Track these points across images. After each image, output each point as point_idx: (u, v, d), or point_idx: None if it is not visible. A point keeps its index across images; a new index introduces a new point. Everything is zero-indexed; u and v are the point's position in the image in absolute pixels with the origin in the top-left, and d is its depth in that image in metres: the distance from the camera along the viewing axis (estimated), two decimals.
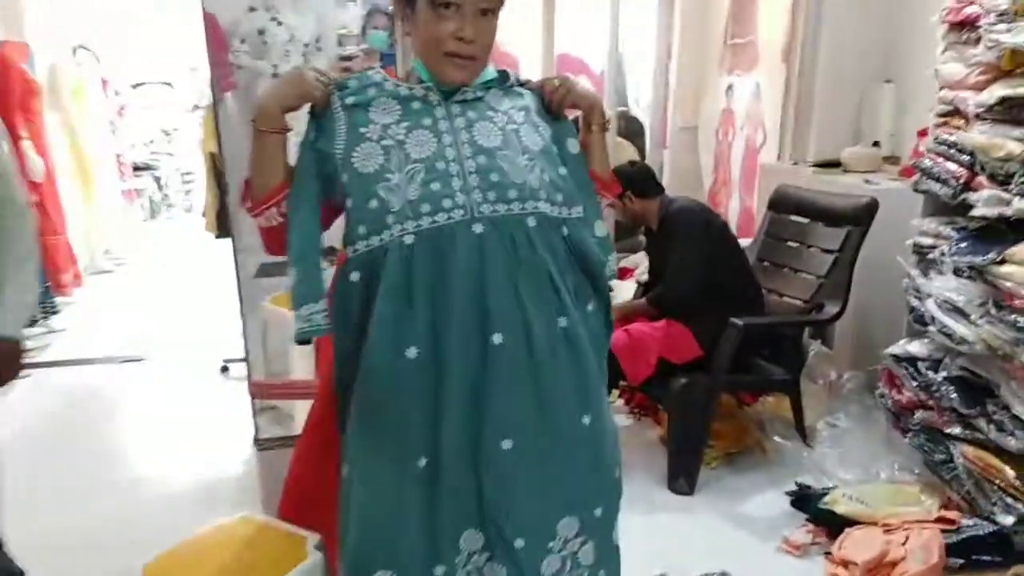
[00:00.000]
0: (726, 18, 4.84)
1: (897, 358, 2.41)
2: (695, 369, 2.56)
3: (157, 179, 8.32)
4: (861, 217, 2.61)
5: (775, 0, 3.94)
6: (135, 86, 7.95)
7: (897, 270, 2.43)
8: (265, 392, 2.37)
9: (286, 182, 1.24)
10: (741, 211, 4.47)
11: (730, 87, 4.83)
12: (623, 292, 3.21)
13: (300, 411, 2.38)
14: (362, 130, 1.22)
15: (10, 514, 2.53)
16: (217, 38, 2.82)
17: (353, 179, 1.20)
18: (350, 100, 1.24)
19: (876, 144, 3.40)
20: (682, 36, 5.49)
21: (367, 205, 1.19)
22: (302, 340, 1.24)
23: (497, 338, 1.17)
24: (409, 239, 1.17)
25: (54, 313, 4.25)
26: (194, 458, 2.88)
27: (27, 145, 4.18)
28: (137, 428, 3.22)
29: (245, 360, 2.36)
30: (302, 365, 2.37)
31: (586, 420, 1.25)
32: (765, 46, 4.19)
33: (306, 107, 1.24)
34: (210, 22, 2.83)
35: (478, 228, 1.18)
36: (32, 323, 4.00)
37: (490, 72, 1.31)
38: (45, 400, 3.46)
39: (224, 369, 3.61)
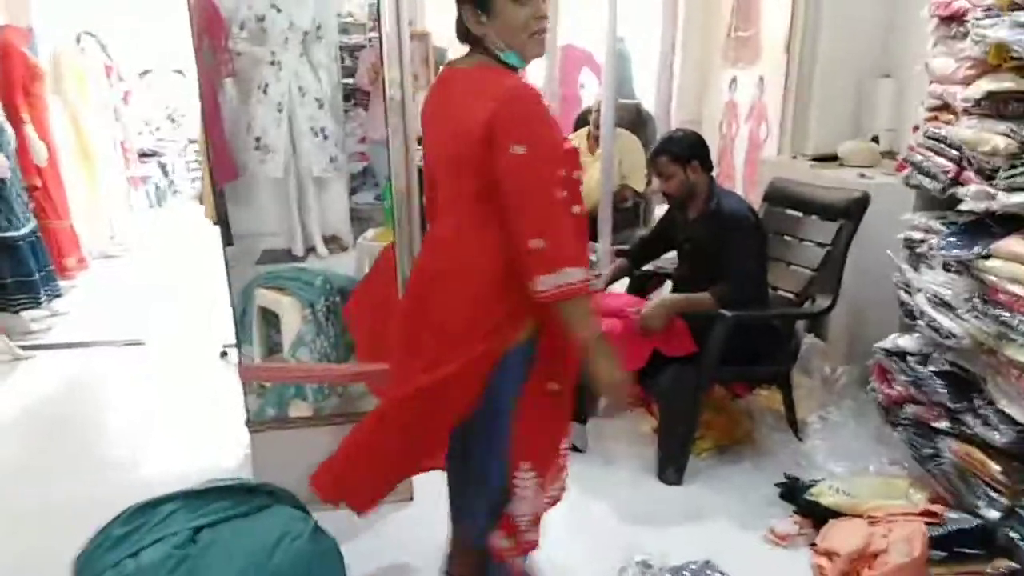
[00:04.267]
0: (730, 11, 4.84)
1: (888, 352, 2.42)
2: (687, 362, 2.56)
3: (163, 166, 8.35)
4: (853, 211, 2.62)
5: None
6: (142, 73, 7.97)
7: (892, 264, 2.43)
8: (255, 375, 2.39)
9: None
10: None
11: (734, 80, 4.83)
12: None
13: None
14: None
15: (11, 485, 2.60)
16: (217, 24, 2.84)
17: None
18: None
19: (875, 139, 3.40)
20: (686, 29, 5.48)
21: None
22: None
23: None
24: None
25: (57, 296, 4.28)
26: (190, 440, 2.92)
27: (30, 129, 4.21)
28: (136, 410, 3.26)
29: (236, 345, 2.39)
30: (301, 352, 2.39)
31: None
32: (768, 39, 4.19)
33: None
34: (210, 8, 2.85)
35: None
36: (35, 305, 4.04)
37: None
38: (46, 382, 3.51)
39: (223, 354, 3.64)
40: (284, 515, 1.76)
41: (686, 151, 2.58)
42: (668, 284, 2.98)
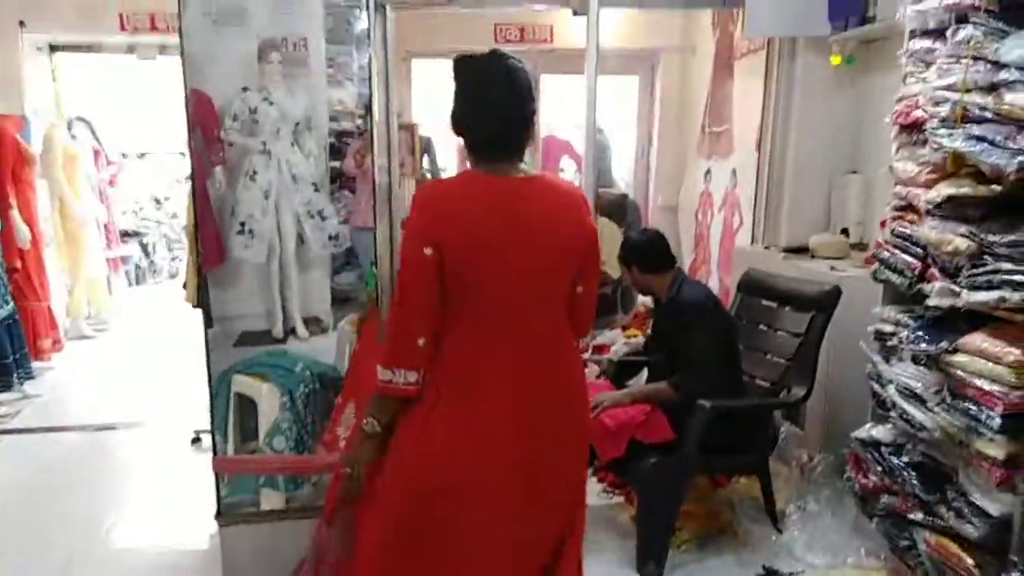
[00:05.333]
0: (704, 107, 5.06)
1: (863, 442, 2.43)
2: (667, 451, 2.56)
3: (144, 246, 8.39)
4: (825, 303, 2.69)
5: (748, 93, 4.13)
6: (128, 156, 8.10)
7: (865, 354, 2.48)
8: (228, 467, 2.36)
9: None
10: (720, 290, 4.55)
11: (708, 171, 5.00)
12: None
13: None
14: None
15: None
16: (211, 116, 2.93)
17: None
18: None
19: (844, 231, 3.52)
20: (662, 121, 5.72)
21: None
22: None
23: None
24: None
25: (30, 379, 4.22)
26: (160, 530, 2.84)
27: (15, 214, 4.25)
28: (103, 499, 3.16)
29: (211, 433, 2.36)
30: (277, 440, 2.37)
31: None
32: (740, 135, 4.37)
33: None
34: (202, 100, 2.95)
35: None
36: (7, 389, 3.97)
37: None
38: (14, 466, 3.41)
39: (196, 440, 3.58)
40: None
41: (628, 255, 2.78)
42: (644, 372, 3.01)
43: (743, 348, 2.97)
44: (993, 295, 1.77)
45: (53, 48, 5.36)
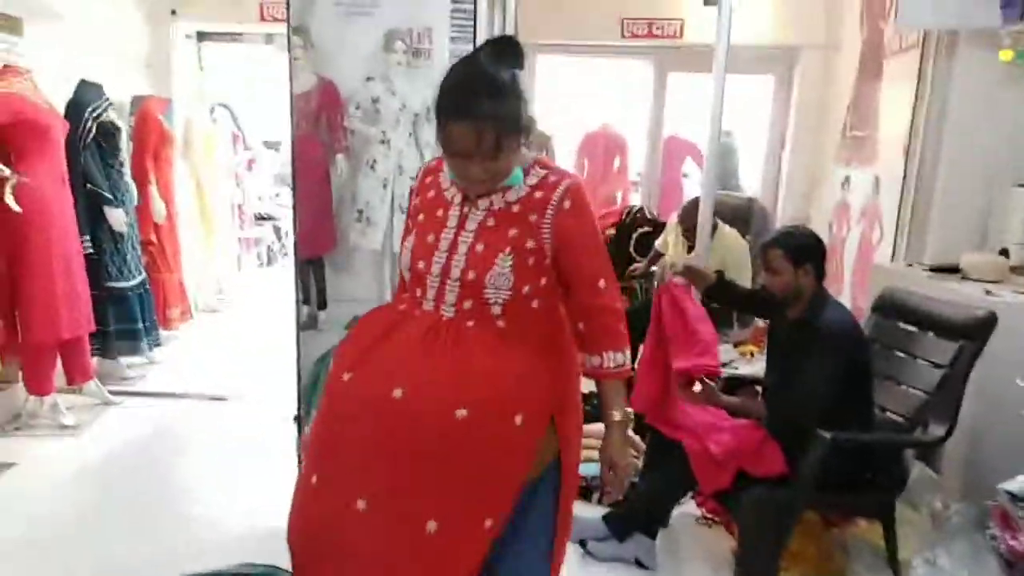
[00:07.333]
0: (846, 109, 4.67)
1: (1014, 496, 2.11)
2: (777, 483, 2.31)
3: (277, 229, 8.80)
4: (976, 331, 2.34)
5: (897, 93, 3.76)
6: (267, 143, 8.52)
7: (1021, 394, 2.16)
8: None
9: None
10: (852, 311, 4.18)
11: (846, 180, 4.62)
12: None
13: None
14: None
15: (79, 534, 2.63)
16: (336, 103, 2.97)
17: None
18: None
19: (1004, 252, 3.11)
20: (797, 124, 5.35)
21: None
22: None
23: None
24: None
25: (157, 346, 4.46)
26: (252, 506, 2.89)
27: (153, 189, 4.51)
28: (207, 466, 3.28)
29: (297, 418, 2.35)
30: None
31: None
32: (885, 140, 3.99)
33: None
34: (328, 88, 2.99)
35: None
36: (135, 353, 4.22)
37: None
38: (128, 429, 3.60)
39: (297, 418, 3.64)
40: None
41: (803, 252, 2.40)
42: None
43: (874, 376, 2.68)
44: None
45: (201, 36, 5.67)
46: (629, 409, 1.60)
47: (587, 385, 1.64)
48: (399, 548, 1.41)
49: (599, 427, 1.61)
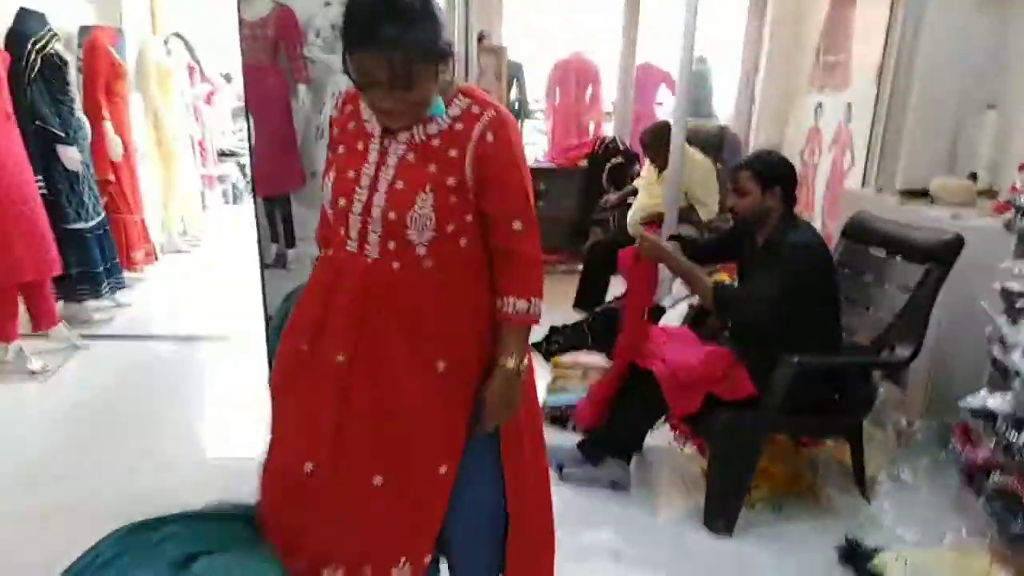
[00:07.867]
0: (819, 33, 4.60)
1: (975, 412, 2.17)
2: (746, 405, 2.36)
3: (241, 166, 8.57)
4: (943, 254, 2.37)
5: (872, 17, 3.70)
6: (225, 75, 8.20)
7: (984, 315, 2.20)
8: None
9: None
10: (823, 237, 4.22)
11: (819, 106, 4.60)
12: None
13: None
14: None
15: (49, 479, 2.61)
16: (294, 31, 2.83)
17: None
18: None
19: (972, 176, 3.13)
20: (771, 50, 5.28)
21: None
22: None
23: None
24: None
25: (120, 288, 4.35)
26: (225, 439, 2.89)
27: (108, 125, 4.33)
28: (182, 406, 3.26)
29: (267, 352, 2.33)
30: None
31: None
32: (859, 65, 3.96)
33: None
34: (285, 14, 2.85)
35: None
36: (98, 296, 4.13)
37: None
38: (99, 372, 3.55)
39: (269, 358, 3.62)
40: None
41: (771, 174, 2.38)
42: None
43: (841, 299, 2.71)
44: None
45: None
46: (526, 362, 1.51)
47: (564, 318, 1.63)
48: (352, 502, 1.46)
49: (579, 357, 1.60)
